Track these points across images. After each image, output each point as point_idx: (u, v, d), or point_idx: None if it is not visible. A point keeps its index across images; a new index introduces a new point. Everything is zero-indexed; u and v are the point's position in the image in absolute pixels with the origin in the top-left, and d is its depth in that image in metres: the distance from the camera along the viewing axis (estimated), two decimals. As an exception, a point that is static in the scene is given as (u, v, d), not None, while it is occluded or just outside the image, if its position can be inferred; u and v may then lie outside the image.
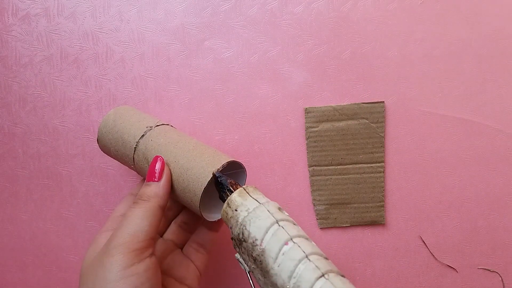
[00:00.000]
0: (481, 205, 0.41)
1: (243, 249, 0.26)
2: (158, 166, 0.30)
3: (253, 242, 0.25)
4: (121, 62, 0.41)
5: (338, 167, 0.40)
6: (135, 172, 0.37)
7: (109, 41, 0.41)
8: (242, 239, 0.26)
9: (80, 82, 0.41)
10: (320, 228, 0.41)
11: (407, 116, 0.41)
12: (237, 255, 0.27)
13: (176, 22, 0.41)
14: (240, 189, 0.28)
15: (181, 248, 0.35)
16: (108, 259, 0.26)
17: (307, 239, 0.26)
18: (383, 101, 0.40)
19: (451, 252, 0.41)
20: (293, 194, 0.41)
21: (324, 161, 0.40)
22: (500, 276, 0.41)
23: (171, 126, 0.35)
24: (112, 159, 0.41)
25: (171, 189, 0.31)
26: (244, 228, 0.26)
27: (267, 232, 0.25)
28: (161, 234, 0.35)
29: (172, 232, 0.35)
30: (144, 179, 0.33)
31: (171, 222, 0.35)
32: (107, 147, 0.35)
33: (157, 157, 0.31)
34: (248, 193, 0.28)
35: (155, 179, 0.30)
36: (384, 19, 0.41)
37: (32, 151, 0.41)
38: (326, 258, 0.25)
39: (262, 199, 0.27)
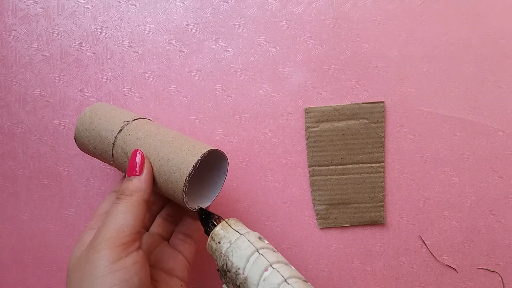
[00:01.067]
0: (481, 205, 0.41)
1: (228, 279, 0.28)
2: (138, 159, 0.30)
3: (236, 271, 0.27)
4: (121, 62, 0.41)
5: (338, 167, 0.40)
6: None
7: (109, 41, 0.41)
8: (226, 270, 0.28)
9: (80, 82, 0.41)
10: (320, 228, 0.41)
11: (407, 116, 0.41)
12: (224, 286, 0.29)
13: (176, 22, 0.41)
14: (222, 222, 0.30)
15: (168, 240, 0.35)
16: (95, 254, 0.26)
17: (286, 264, 0.27)
18: (383, 101, 0.40)
19: (451, 252, 0.41)
20: (293, 194, 0.41)
21: (324, 161, 0.40)
22: (500, 276, 0.41)
23: (149, 119, 0.35)
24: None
25: (153, 182, 0.31)
26: (227, 259, 0.28)
27: (248, 261, 0.27)
28: (146, 228, 0.35)
29: (157, 226, 0.34)
30: (125, 175, 0.33)
31: (155, 216, 0.35)
32: (85, 145, 0.34)
33: (136, 150, 0.30)
34: (230, 225, 0.30)
35: (136, 173, 0.30)
36: (384, 19, 0.41)
37: (32, 151, 0.41)
38: (305, 281, 0.26)
39: (243, 230, 0.29)
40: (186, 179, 0.29)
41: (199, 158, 0.29)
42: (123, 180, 0.35)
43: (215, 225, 0.30)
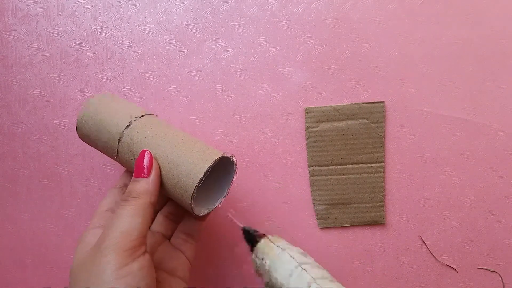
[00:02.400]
0: (481, 205, 0.41)
1: None
2: (146, 161, 0.29)
3: (280, 287, 0.27)
4: (121, 62, 0.41)
5: (338, 167, 0.40)
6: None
7: (109, 41, 0.41)
8: (271, 286, 0.28)
9: (80, 82, 0.41)
10: (320, 228, 0.41)
11: (407, 116, 0.41)
12: None
13: (176, 22, 0.41)
14: (264, 238, 0.30)
15: (169, 239, 0.34)
16: (101, 259, 0.26)
17: (331, 280, 0.27)
18: (383, 101, 0.40)
19: (451, 252, 0.41)
20: (293, 194, 0.41)
21: (324, 161, 0.40)
22: (500, 276, 0.41)
23: (156, 116, 0.34)
24: (115, 162, 0.41)
25: (160, 185, 0.30)
26: (271, 275, 0.28)
27: (291, 276, 0.27)
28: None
29: (159, 224, 0.34)
30: (127, 171, 0.32)
31: (157, 214, 0.35)
32: (87, 136, 0.33)
33: (144, 151, 0.30)
34: (271, 241, 0.29)
35: (144, 175, 0.29)
36: (384, 19, 0.41)
37: (32, 151, 0.41)
38: None
39: (285, 245, 0.29)
40: (196, 186, 0.28)
41: (210, 165, 0.29)
42: (124, 175, 0.34)
43: (258, 242, 0.29)
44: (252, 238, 0.30)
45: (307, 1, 0.41)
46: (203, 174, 0.28)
